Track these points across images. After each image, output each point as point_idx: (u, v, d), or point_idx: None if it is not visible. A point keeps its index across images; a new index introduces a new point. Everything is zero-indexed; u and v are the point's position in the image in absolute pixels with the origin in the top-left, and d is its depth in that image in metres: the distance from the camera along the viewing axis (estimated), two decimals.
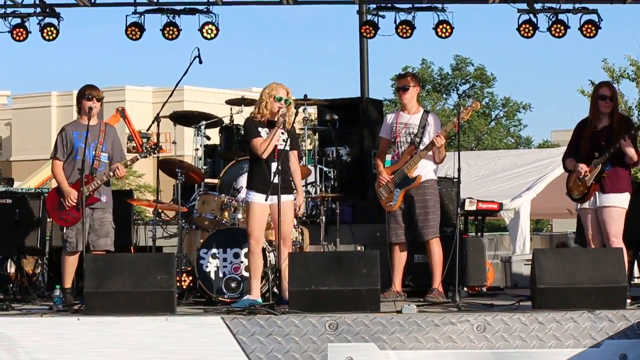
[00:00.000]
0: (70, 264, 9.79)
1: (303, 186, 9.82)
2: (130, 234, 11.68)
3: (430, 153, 9.99)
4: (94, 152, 9.70)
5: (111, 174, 9.75)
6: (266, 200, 9.07)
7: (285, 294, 8.88)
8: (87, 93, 9.88)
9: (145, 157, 10.08)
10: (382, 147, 10.36)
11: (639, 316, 8.07)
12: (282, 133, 9.27)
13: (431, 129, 10.06)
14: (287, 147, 9.25)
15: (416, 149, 10.01)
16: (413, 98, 10.21)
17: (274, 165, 9.18)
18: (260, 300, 9.23)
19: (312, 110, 15.74)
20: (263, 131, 9.28)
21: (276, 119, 9.27)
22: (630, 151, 9.18)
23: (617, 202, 9.24)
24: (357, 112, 13.92)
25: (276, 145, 9.24)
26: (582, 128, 9.49)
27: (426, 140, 10.01)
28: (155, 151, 10.10)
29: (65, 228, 9.79)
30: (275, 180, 9.08)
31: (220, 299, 9.83)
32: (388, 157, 10.47)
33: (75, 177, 9.72)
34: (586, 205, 9.36)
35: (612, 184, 9.26)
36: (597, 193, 9.28)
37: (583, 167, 9.29)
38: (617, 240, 9.14)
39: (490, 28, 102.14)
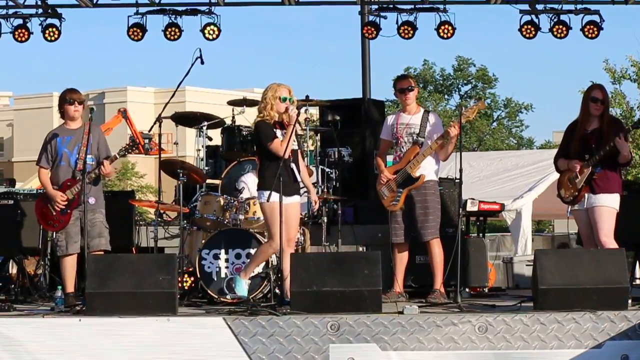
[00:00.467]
0: (68, 267, 9.73)
1: (305, 187, 9.82)
2: (132, 235, 11.68)
3: (434, 152, 9.98)
4: (77, 156, 9.67)
5: (97, 171, 9.67)
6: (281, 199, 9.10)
7: (287, 294, 8.91)
8: (68, 97, 9.81)
9: (124, 155, 9.99)
10: (383, 148, 10.37)
11: None
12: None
13: (432, 127, 10.06)
14: (297, 147, 9.43)
15: (419, 149, 10.01)
16: (415, 98, 10.25)
17: (293, 166, 9.32)
18: (247, 280, 9.40)
19: (314, 111, 15.74)
20: (278, 133, 9.33)
21: (286, 118, 9.32)
22: (625, 150, 9.19)
23: (608, 203, 9.25)
24: (359, 112, 13.92)
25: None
26: (573, 129, 9.52)
27: (428, 141, 10.00)
28: (133, 149, 9.99)
29: (54, 233, 9.79)
30: (305, 181, 9.38)
31: (222, 299, 9.83)
32: (389, 158, 10.47)
33: (62, 182, 9.72)
34: (578, 206, 9.38)
35: (602, 185, 9.27)
36: (587, 194, 9.30)
37: (578, 164, 9.30)
38: (608, 240, 9.14)
39: (492, 29, 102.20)
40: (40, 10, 13.51)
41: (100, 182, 9.95)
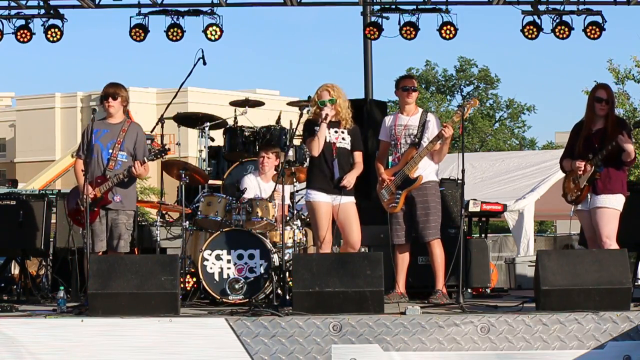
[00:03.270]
0: None
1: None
2: (134, 236, 11.67)
3: (430, 153, 9.97)
4: (110, 151, 9.48)
5: (125, 173, 9.45)
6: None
7: None
8: (103, 92, 9.57)
9: (152, 160, 9.85)
10: (382, 150, 10.34)
11: None
12: (343, 132, 9.71)
13: (431, 127, 10.04)
14: (348, 147, 9.72)
15: (416, 150, 9.99)
16: (415, 101, 10.26)
17: (335, 165, 9.60)
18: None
19: None
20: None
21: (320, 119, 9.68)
22: (629, 147, 9.15)
23: (609, 204, 9.19)
24: (361, 113, 13.84)
25: (334, 144, 9.65)
26: (578, 129, 9.50)
27: (426, 141, 9.98)
28: (163, 154, 9.96)
29: (82, 230, 9.60)
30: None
31: (224, 300, 9.83)
32: (389, 159, 10.46)
33: (93, 176, 9.47)
34: (581, 207, 9.36)
35: (604, 186, 9.22)
36: (589, 195, 9.27)
37: (581, 163, 9.28)
38: (609, 241, 9.10)
39: (494, 29, 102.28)
40: (42, 11, 13.51)
41: (134, 183, 9.70)
